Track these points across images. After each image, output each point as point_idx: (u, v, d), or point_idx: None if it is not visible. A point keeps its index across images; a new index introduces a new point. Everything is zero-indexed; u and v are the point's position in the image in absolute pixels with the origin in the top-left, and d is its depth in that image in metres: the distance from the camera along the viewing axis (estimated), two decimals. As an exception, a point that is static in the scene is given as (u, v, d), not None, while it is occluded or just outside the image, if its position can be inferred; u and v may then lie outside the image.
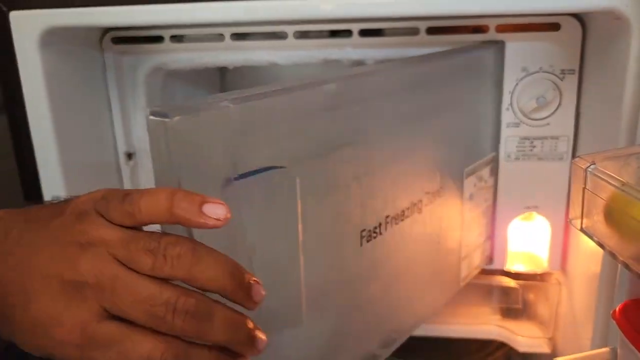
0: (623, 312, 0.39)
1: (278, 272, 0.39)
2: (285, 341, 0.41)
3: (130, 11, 0.51)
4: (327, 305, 0.44)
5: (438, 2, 0.46)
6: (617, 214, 0.35)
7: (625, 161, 0.37)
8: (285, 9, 0.49)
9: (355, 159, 0.43)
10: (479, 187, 0.58)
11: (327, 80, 0.41)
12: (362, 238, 0.45)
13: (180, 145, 0.30)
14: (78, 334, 0.28)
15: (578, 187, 0.38)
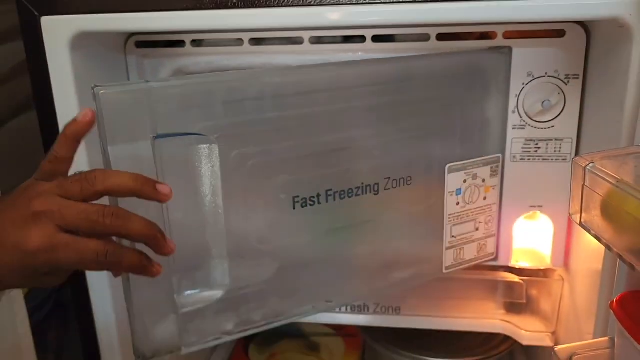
0: (620, 302, 0.42)
1: (195, 225, 0.50)
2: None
3: (154, 17, 0.53)
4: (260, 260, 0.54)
5: (448, 10, 0.49)
6: (612, 209, 0.38)
7: (622, 161, 0.39)
8: (299, 16, 0.52)
9: (284, 138, 0.53)
10: (474, 185, 0.60)
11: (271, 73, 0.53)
12: (296, 203, 0.52)
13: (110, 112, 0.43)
14: (45, 243, 0.40)
15: (578, 184, 0.41)
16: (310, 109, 0.54)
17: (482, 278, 0.67)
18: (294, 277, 0.57)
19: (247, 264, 0.54)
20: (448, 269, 0.62)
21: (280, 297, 0.57)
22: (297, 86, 0.53)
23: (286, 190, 0.53)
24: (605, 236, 0.39)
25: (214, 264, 0.52)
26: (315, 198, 0.54)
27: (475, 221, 0.62)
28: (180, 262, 0.48)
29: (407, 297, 0.69)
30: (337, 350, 0.92)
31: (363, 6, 0.49)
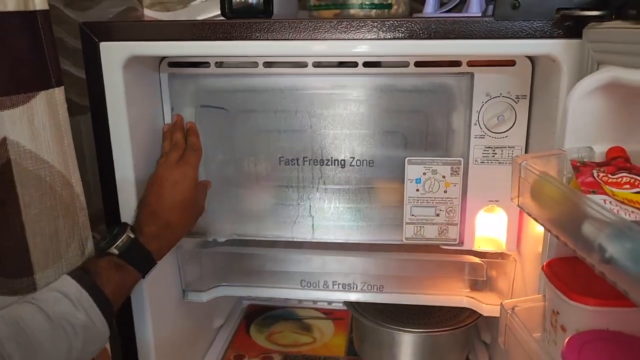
0: (548, 265, 0.57)
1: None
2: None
3: (189, 45, 0.67)
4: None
5: (422, 46, 0.63)
6: (536, 192, 0.52)
7: (548, 160, 0.54)
8: (304, 47, 0.65)
9: (284, 118, 0.78)
10: (433, 178, 0.76)
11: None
12: (281, 160, 0.79)
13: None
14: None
15: (516, 176, 0.55)
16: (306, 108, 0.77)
17: (451, 260, 0.81)
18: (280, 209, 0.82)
19: (253, 193, 0.82)
20: (408, 240, 0.78)
21: (272, 220, 0.82)
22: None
23: (277, 152, 0.79)
24: (533, 212, 0.53)
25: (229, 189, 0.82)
26: (295, 160, 0.78)
27: (436, 208, 0.77)
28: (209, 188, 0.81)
29: (389, 277, 0.83)
30: (327, 330, 1.05)
31: (357, 41, 0.63)
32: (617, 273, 0.39)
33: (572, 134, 0.55)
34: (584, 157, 0.55)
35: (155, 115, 0.77)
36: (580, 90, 0.53)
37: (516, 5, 0.60)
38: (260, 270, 0.85)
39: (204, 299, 0.86)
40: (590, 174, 0.49)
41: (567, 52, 0.60)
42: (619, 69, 0.50)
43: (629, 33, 0.49)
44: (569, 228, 0.46)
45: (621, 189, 0.47)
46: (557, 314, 0.54)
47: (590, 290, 0.50)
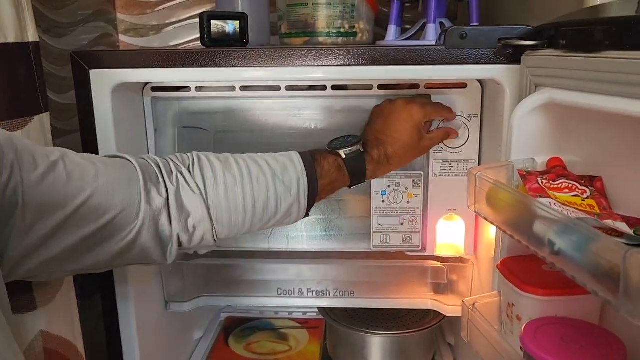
0: (503, 263, 0.64)
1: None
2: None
3: (171, 72, 0.73)
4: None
5: (383, 72, 0.71)
6: (491, 198, 0.60)
7: (498, 170, 0.62)
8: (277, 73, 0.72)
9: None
10: (397, 190, 0.83)
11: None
12: None
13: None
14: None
15: (472, 186, 0.62)
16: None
17: (415, 265, 0.88)
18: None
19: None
20: (375, 247, 0.85)
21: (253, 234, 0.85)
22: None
23: None
24: (489, 216, 0.60)
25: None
26: None
27: (400, 218, 0.84)
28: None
29: (360, 283, 0.90)
30: (302, 339, 1.11)
31: (325, 67, 0.71)
32: (565, 262, 0.46)
33: (517, 147, 0.63)
34: (528, 167, 0.63)
35: (139, 136, 0.83)
36: (523, 109, 0.61)
37: (463, 36, 0.69)
38: (239, 280, 0.91)
39: (186, 309, 0.91)
40: (535, 181, 0.57)
41: (509, 76, 0.68)
42: (554, 91, 0.58)
43: (560, 60, 0.57)
44: (522, 227, 0.53)
45: (562, 193, 0.55)
46: (513, 306, 0.61)
47: (540, 282, 0.58)
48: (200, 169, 0.65)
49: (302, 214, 0.70)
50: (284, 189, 0.67)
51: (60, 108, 1.21)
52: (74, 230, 0.54)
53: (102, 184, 0.56)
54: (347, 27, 0.88)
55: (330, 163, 0.71)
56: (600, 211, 0.52)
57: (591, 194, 0.54)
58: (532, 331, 0.55)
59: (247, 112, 0.84)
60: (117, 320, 0.80)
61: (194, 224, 0.63)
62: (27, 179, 0.50)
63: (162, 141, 0.84)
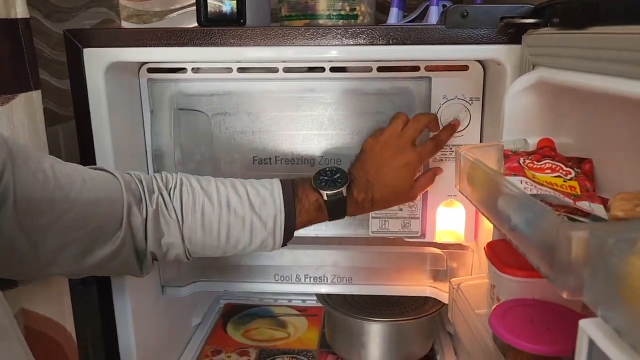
0: (489, 246, 0.63)
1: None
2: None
3: (167, 51, 0.72)
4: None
5: (382, 51, 0.69)
6: (470, 177, 0.59)
7: (486, 150, 0.60)
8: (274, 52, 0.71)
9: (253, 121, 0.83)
10: None
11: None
12: (255, 160, 0.83)
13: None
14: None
15: (457, 164, 0.62)
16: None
17: (414, 251, 0.87)
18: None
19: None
20: (374, 233, 0.83)
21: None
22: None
23: (251, 152, 0.83)
24: (468, 195, 0.60)
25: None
26: (268, 160, 0.83)
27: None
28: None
29: (357, 269, 0.89)
30: (301, 326, 1.10)
31: (322, 47, 0.69)
32: (519, 238, 0.45)
33: (509, 127, 0.62)
34: (519, 148, 0.62)
35: (135, 118, 0.82)
36: (514, 88, 0.60)
37: (464, 15, 0.67)
38: (236, 265, 0.90)
39: (182, 294, 0.90)
40: (516, 160, 0.56)
41: (510, 56, 0.67)
42: (545, 70, 0.57)
43: (552, 38, 0.56)
44: (489, 204, 0.53)
45: (543, 174, 0.54)
46: (494, 287, 0.61)
47: (519, 264, 0.57)
48: (180, 193, 0.67)
49: (277, 246, 0.71)
50: (259, 223, 0.68)
51: (60, 93, 1.20)
52: (56, 236, 0.57)
53: (86, 196, 0.59)
54: (347, 9, 0.86)
55: (311, 202, 0.71)
56: (581, 193, 0.50)
57: (576, 176, 0.52)
58: (501, 312, 0.55)
59: (244, 94, 0.82)
60: (112, 305, 0.79)
61: (167, 244, 0.67)
62: (18, 179, 0.53)
63: (158, 123, 0.83)
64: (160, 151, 0.84)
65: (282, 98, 0.82)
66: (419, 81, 0.80)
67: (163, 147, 0.84)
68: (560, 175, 0.52)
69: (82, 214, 0.58)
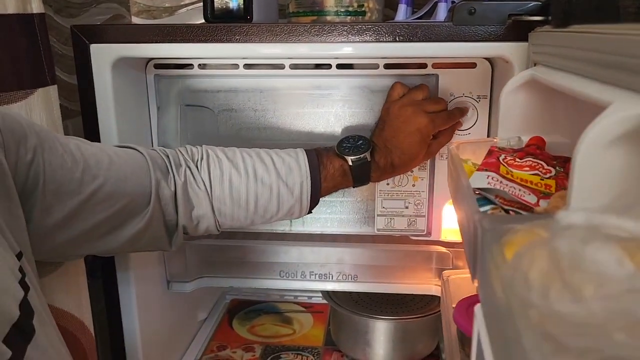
0: None
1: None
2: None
3: (173, 47, 0.72)
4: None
5: (388, 48, 0.69)
6: (451, 168, 0.58)
7: (478, 146, 0.60)
8: (281, 49, 0.71)
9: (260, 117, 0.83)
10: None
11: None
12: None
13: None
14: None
15: (449, 160, 0.61)
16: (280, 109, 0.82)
17: (420, 249, 0.87)
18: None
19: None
20: (380, 231, 0.83)
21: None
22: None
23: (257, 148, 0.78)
24: (450, 191, 0.60)
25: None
26: None
27: (405, 201, 0.82)
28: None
29: (363, 267, 0.89)
30: (306, 323, 1.10)
31: (329, 44, 0.69)
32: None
33: (504, 125, 0.61)
34: (513, 145, 0.61)
35: (141, 114, 0.82)
36: (509, 86, 0.59)
37: (472, 12, 0.66)
38: (241, 261, 0.90)
39: (188, 290, 0.91)
40: (497, 157, 0.55)
41: (518, 54, 0.66)
42: (538, 69, 0.56)
43: (550, 36, 0.55)
44: (457, 201, 0.53)
45: (520, 170, 0.53)
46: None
47: None
48: (207, 164, 0.68)
49: (304, 213, 0.72)
50: (286, 190, 0.69)
51: (71, 88, 1.21)
52: (88, 216, 0.58)
53: (114, 174, 0.60)
54: (355, 5, 0.86)
55: (336, 167, 0.72)
56: (554, 191, 0.50)
57: (556, 174, 0.52)
58: (466, 306, 0.57)
59: (250, 91, 0.82)
60: (117, 299, 0.80)
61: (198, 216, 0.67)
62: (47, 163, 0.54)
63: (165, 119, 0.83)
64: (167, 147, 0.84)
65: (288, 95, 0.82)
66: (426, 78, 0.79)
67: (169, 143, 0.84)
68: (538, 173, 0.52)
69: (111, 192, 0.59)
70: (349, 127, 0.82)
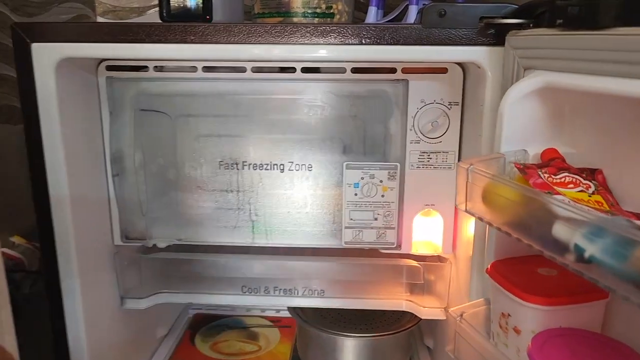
0: (493, 267, 0.58)
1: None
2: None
3: (123, 47, 0.67)
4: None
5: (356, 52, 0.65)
6: (489, 195, 0.52)
7: (489, 163, 0.55)
8: (239, 51, 0.66)
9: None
10: (371, 183, 0.77)
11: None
12: (221, 165, 0.79)
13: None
14: None
15: (462, 181, 0.55)
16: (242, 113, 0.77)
17: (390, 264, 0.82)
18: (220, 214, 0.82)
19: (193, 197, 0.81)
20: (347, 244, 0.79)
21: (213, 225, 0.82)
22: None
23: (217, 156, 0.79)
24: (486, 217, 0.53)
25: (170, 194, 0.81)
26: (234, 165, 0.79)
27: (374, 212, 0.78)
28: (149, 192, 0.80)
29: (330, 282, 0.84)
30: (273, 338, 1.05)
31: (290, 46, 0.65)
32: (599, 271, 0.38)
33: (508, 138, 0.57)
34: (520, 159, 0.57)
35: (92, 120, 0.76)
36: (515, 94, 0.55)
37: (442, 14, 0.63)
38: (201, 276, 0.85)
39: (143, 306, 0.85)
40: (537, 175, 0.50)
41: (491, 59, 0.62)
42: (551, 74, 0.52)
43: (558, 40, 0.51)
44: (535, 230, 0.46)
45: (567, 189, 0.49)
46: (509, 316, 0.55)
47: (541, 290, 0.52)
48: None
49: None
50: None
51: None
52: None
53: None
54: (324, 7, 0.82)
55: None
56: (609, 208, 0.45)
57: (596, 189, 0.48)
58: (539, 345, 0.49)
59: (210, 96, 0.77)
60: (63, 318, 0.73)
61: None
62: None
63: (118, 125, 0.78)
64: (120, 154, 0.79)
65: (250, 100, 0.77)
66: (396, 84, 0.75)
67: (123, 150, 0.79)
68: (583, 189, 0.47)
69: None
70: (315, 134, 0.78)
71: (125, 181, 0.80)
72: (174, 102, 0.78)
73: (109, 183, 0.80)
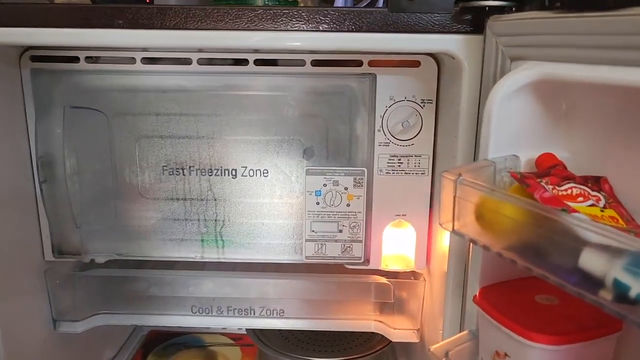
0: (482, 295, 0.49)
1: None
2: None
3: (44, 33, 0.57)
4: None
5: (309, 40, 0.56)
6: (486, 213, 0.42)
7: (478, 172, 0.46)
8: (177, 38, 0.57)
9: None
10: (335, 190, 0.68)
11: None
12: (165, 170, 0.70)
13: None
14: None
15: (449, 196, 0.45)
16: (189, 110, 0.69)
17: (357, 281, 0.74)
18: (166, 225, 0.73)
19: (135, 207, 0.72)
20: (308, 258, 0.70)
21: (157, 238, 0.73)
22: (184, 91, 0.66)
23: (160, 160, 0.70)
24: (481, 239, 0.43)
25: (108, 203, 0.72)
26: (180, 170, 0.69)
27: (339, 223, 0.69)
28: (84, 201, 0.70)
29: (290, 301, 0.75)
30: (234, 358, 0.96)
31: (233, 32, 0.55)
32: None
33: (496, 141, 0.48)
34: (510, 166, 0.49)
35: (14, 118, 0.66)
36: (505, 90, 0.46)
37: (411, -5, 0.54)
38: (145, 295, 0.75)
39: (79, 330, 0.75)
40: (541, 187, 0.41)
41: (468, 49, 0.54)
42: (547, 64, 0.44)
43: (555, 24, 0.42)
44: (555, 258, 0.37)
45: (576, 203, 0.40)
46: (506, 357, 0.46)
47: (545, 325, 0.44)
48: None
49: None
50: None
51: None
52: None
53: None
54: (286, -6, 0.73)
55: None
56: (624, 224, 0.37)
57: (607, 202, 0.39)
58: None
59: (151, 91, 0.68)
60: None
61: None
62: None
63: (45, 124, 0.68)
64: (49, 158, 0.69)
65: (197, 96, 0.68)
66: (362, 79, 0.66)
67: (52, 153, 0.69)
68: (594, 203, 0.39)
69: None
70: (271, 136, 0.69)
71: (55, 188, 0.70)
72: (110, 98, 0.68)
73: (37, 191, 0.70)
